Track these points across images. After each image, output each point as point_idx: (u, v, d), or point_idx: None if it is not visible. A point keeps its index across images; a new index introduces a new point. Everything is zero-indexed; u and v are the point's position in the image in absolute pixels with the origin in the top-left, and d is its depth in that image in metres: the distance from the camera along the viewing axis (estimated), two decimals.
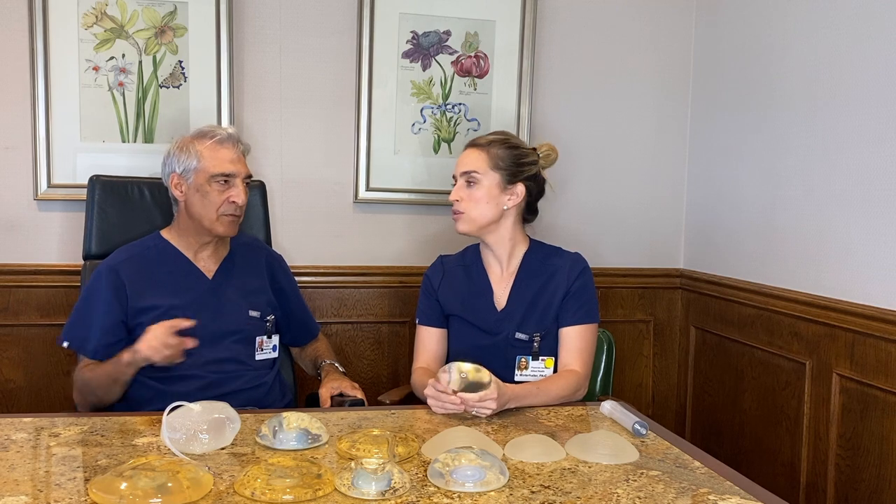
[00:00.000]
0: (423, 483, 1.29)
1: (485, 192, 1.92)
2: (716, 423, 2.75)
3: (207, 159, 1.92)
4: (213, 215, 1.92)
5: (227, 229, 1.95)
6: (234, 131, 2.00)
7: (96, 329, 1.92)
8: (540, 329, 1.92)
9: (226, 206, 1.92)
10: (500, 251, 1.97)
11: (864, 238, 2.08)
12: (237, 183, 1.93)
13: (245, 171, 1.96)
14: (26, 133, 2.43)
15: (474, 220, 1.93)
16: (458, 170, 1.96)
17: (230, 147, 1.94)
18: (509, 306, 1.94)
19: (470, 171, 1.92)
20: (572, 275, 1.94)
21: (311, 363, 2.19)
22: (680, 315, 2.96)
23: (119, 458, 1.38)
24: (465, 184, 1.93)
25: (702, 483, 1.34)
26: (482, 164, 1.92)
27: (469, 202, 1.93)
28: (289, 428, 1.47)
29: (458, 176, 1.95)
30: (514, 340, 1.92)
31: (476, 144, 1.96)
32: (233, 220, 1.95)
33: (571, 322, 1.91)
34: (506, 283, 1.97)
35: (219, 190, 1.92)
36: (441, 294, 2.00)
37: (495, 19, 2.69)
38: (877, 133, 2.04)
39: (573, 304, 1.92)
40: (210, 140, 1.93)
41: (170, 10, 2.47)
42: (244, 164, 1.97)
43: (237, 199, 1.92)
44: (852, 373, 2.13)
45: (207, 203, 1.92)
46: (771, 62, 2.46)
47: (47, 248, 2.47)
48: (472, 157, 1.94)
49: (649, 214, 2.91)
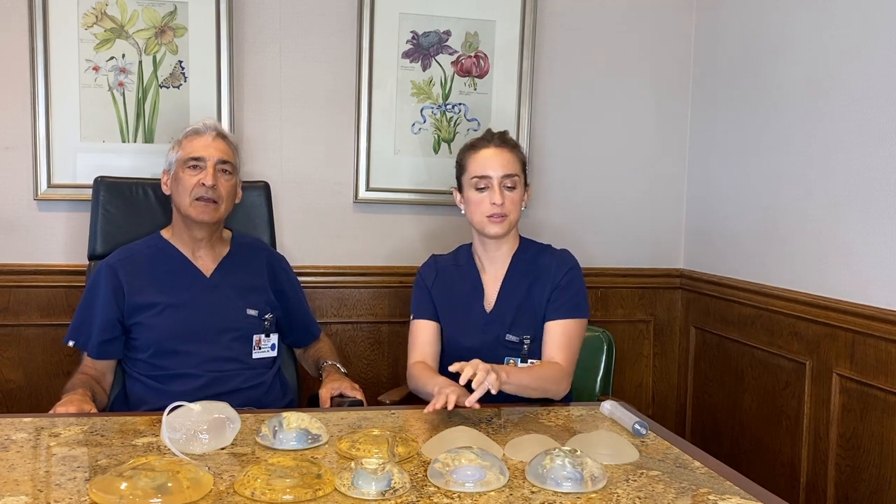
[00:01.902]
0: (423, 483, 1.29)
1: (520, 195, 1.91)
2: (716, 423, 2.75)
3: (183, 148, 1.98)
4: (187, 200, 1.94)
5: (199, 213, 1.94)
6: (215, 123, 2.05)
7: (96, 327, 1.93)
8: (530, 331, 1.90)
9: (196, 188, 1.93)
10: (499, 252, 1.95)
11: (865, 238, 2.08)
12: (207, 166, 1.95)
13: (217, 156, 1.97)
14: (26, 133, 2.43)
15: (512, 224, 1.91)
16: (493, 170, 1.87)
17: (204, 134, 1.99)
18: (498, 307, 1.92)
19: (511, 175, 1.87)
20: (559, 272, 1.91)
21: (314, 364, 2.19)
22: (680, 315, 2.96)
23: (119, 458, 1.38)
24: (503, 187, 1.87)
25: (702, 483, 1.34)
26: (518, 167, 1.90)
27: (510, 205, 1.88)
28: (289, 428, 1.47)
29: (496, 178, 1.87)
30: (505, 341, 1.90)
31: (504, 145, 1.91)
32: (206, 203, 1.94)
33: (556, 316, 1.88)
34: (496, 284, 1.95)
35: (190, 174, 1.95)
36: (434, 293, 1.97)
37: (495, 19, 2.69)
38: (877, 133, 2.04)
39: (558, 298, 1.89)
40: (190, 132, 2.00)
41: (170, 10, 2.47)
42: (219, 151, 1.98)
43: (205, 180, 1.93)
44: (852, 373, 2.13)
45: (182, 189, 1.95)
46: (771, 62, 2.46)
47: (47, 248, 2.47)
48: (507, 158, 1.89)
49: (649, 214, 2.91)
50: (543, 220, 2.79)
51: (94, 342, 1.93)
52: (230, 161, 2.00)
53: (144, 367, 1.94)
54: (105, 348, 1.94)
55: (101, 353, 1.94)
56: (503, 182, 1.87)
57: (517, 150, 1.93)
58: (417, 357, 1.94)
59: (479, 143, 1.92)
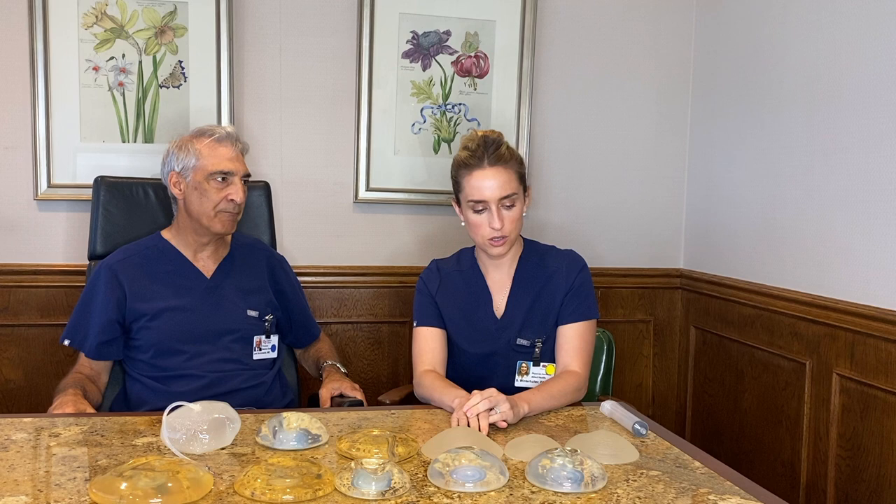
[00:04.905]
0: (423, 483, 1.29)
1: (519, 210, 1.84)
2: (716, 423, 2.75)
3: (206, 157, 1.92)
4: (211, 213, 1.92)
5: (224, 227, 1.95)
6: (233, 130, 2.00)
7: (94, 327, 1.93)
8: (541, 334, 1.88)
9: (224, 203, 1.92)
10: (505, 257, 1.92)
11: (865, 238, 2.08)
12: (235, 181, 1.93)
13: (243, 170, 1.96)
14: (26, 133, 2.43)
15: (513, 241, 1.87)
16: (490, 194, 1.79)
17: (228, 145, 1.94)
18: (508, 313, 1.90)
19: (510, 195, 1.80)
20: (571, 274, 1.90)
21: (314, 364, 2.19)
22: (680, 315, 2.96)
23: (119, 458, 1.38)
24: (502, 208, 1.80)
25: (702, 483, 1.34)
26: (515, 183, 1.82)
27: (510, 225, 1.81)
28: (289, 428, 1.47)
29: (494, 202, 1.79)
30: (516, 346, 1.88)
31: (502, 161, 1.81)
32: (230, 217, 1.95)
33: (570, 319, 1.87)
34: (504, 289, 1.92)
35: (217, 188, 1.92)
36: (439, 300, 1.93)
37: (495, 19, 2.69)
38: (877, 133, 2.04)
39: (572, 301, 1.88)
40: (209, 138, 1.93)
41: (170, 10, 2.47)
42: (242, 163, 1.97)
43: (235, 196, 1.92)
44: (852, 373, 2.13)
45: (205, 201, 1.92)
46: (771, 62, 2.46)
47: (48, 248, 2.47)
48: (504, 178, 1.79)
49: (649, 214, 2.91)
50: (543, 220, 2.79)
51: (93, 343, 1.93)
52: (250, 173, 2.00)
53: (145, 368, 1.94)
54: (104, 349, 1.94)
55: (100, 354, 1.94)
56: (502, 203, 1.80)
57: (513, 164, 1.82)
58: (427, 365, 1.88)
59: (472, 162, 1.81)
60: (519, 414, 1.63)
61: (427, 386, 1.81)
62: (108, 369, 2.00)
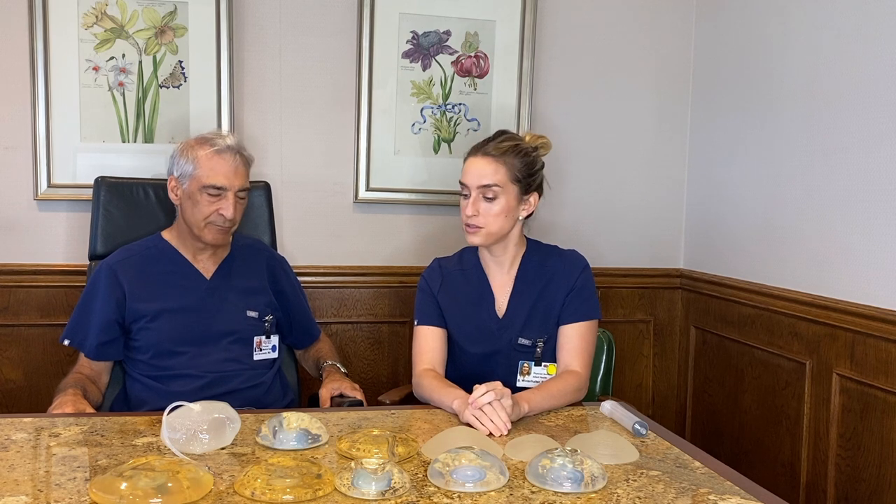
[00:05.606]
0: (423, 483, 1.29)
1: (503, 207, 1.81)
2: (716, 423, 2.75)
3: (202, 168, 1.90)
4: (202, 223, 1.92)
5: (214, 238, 1.94)
6: (237, 142, 1.97)
7: (94, 327, 1.93)
8: (542, 334, 1.88)
9: (214, 216, 1.91)
10: (504, 257, 1.92)
11: (865, 238, 2.08)
12: (228, 196, 1.91)
13: (239, 185, 1.93)
14: (26, 133, 2.43)
15: (491, 234, 1.84)
16: (470, 180, 1.82)
17: (228, 158, 1.92)
18: (510, 312, 1.90)
19: (490, 185, 1.80)
20: (573, 274, 1.90)
21: (314, 364, 2.19)
22: (680, 315, 2.96)
23: (119, 458, 1.38)
24: (481, 197, 1.81)
25: (702, 483, 1.34)
26: (501, 177, 1.80)
27: (487, 217, 1.81)
28: (289, 428, 1.47)
29: (473, 188, 1.81)
30: (517, 346, 1.88)
31: (489, 153, 1.82)
32: (220, 230, 1.94)
33: (572, 319, 1.87)
34: (506, 289, 1.92)
35: (209, 200, 1.90)
36: (440, 299, 1.93)
37: (495, 19, 2.69)
38: (877, 133, 2.04)
39: (574, 301, 1.88)
40: (210, 148, 1.92)
41: (170, 10, 2.47)
42: (241, 177, 1.94)
43: (225, 212, 1.90)
44: (852, 373, 2.13)
45: (197, 211, 1.91)
46: (771, 62, 2.46)
47: (48, 248, 2.47)
48: (487, 168, 1.81)
49: (649, 214, 2.91)
50: (543, 220, 2.79)
51: (93, 343, 1.93)
52: (247, 187, 1.98)
53: (145, 368, 1.94)
54: (104, 349, 1.94)
55: (99, 354, 1.95)
56: (482, 192, 1.81)
57: (508, 159, 1.82)
58: (426, 364, 1.88)
59: (473, 149, 1.87)
60: (519, 413, 1.63)
61: (426, 386, 1.81)
62: (109, 370, 2.00)
